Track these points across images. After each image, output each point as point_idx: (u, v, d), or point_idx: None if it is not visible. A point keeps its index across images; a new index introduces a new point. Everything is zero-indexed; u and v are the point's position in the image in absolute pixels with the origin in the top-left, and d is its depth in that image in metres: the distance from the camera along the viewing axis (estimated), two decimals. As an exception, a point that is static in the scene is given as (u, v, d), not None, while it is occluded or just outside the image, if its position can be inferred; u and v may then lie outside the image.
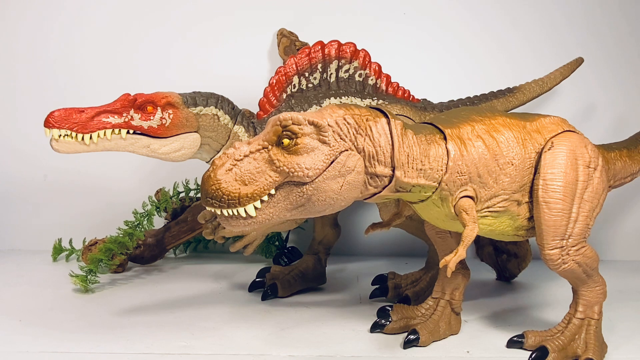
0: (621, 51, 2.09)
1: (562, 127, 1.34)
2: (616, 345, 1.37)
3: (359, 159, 1.16)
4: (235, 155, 1.12)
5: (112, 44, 2.05)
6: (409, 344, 1.34)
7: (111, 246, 1.78)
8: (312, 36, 1.86)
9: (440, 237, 1.42)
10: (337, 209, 1.18)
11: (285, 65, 1.57)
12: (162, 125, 1.45)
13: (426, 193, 1.25)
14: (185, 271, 1.88)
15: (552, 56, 2.04)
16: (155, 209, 1.89)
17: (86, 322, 1.44)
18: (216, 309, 1.55)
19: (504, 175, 1.27)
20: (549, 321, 1.51)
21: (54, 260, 1.96)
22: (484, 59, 2.08)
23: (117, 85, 1.67)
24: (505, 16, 2.08)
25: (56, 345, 1.31)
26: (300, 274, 1.70)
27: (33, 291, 1.66)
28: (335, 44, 1.59)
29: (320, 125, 1.14)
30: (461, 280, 1.42)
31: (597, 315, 1.33)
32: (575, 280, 1.33)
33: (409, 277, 1.67)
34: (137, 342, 1.34)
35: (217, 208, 1.11)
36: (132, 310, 1.52)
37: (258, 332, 1.41)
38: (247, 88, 1.77)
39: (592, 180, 1.30)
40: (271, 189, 1.12)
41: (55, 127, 1.38)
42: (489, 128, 1.29)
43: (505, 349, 1.35)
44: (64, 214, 2.07)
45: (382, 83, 1.65)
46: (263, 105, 1.56)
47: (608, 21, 2.09)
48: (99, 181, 2.07)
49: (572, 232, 1.28)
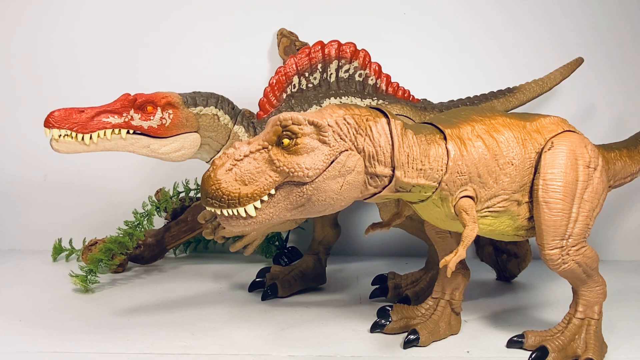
0: (621, 51, 2.09)
1: (562, 127, 1.34)
2: (616, 345, 1.37)
3: (359, 159, 1.16)
4: (235, 155, 1.12)
5: (112, 44, 2.05)
6: (409, 344, 1.34)
7: (111, 246, 1.78)
8: (312, 36, 1.86)
9: (440, 237, 1.42)
10: (337, 209, 1.18)
11: (285, 65, 1.57)
12: (162, 125, 1.45)
13: (426, 193, 1.25)
14: (185, 271, 1.88)
15: (552, 56, 2.03)
16: (155, 209, 1.89)
17: (86, 322, 1.44)
18: (216, 309, 1.55)
19: (504, 175, 1.27)
20: (549, 321, 1.51)
21: (54, 260, 1.96)
22: (484, 59, 2.08)
23: (117, 85, 1.67)
24: (505, 16, 2.08)
25: (56, 345, 1.31)
26: (300, 274, 1.70)
27: (33, 291, 1.66)
28: (335, 44, 1.59)
29: (320, 125, 1.14)
30: (461, 280, 1.42)
31: (597, 315, 1.33)
32: (575, 280, 1.33)
33: (409, 277, 1.67)
34: (137, 342, 1.34)
35: (217, 208, 1.11)
36: (132, 310, 1.52)
37: (258, 332, 1.41)
38: (247, 88, 1.76)
39: (592, 180, 1.30)
40: (271, 189, 1.12)
41: (55, 127, 1.38)
42: (489, 128, 1.29)
43: (505, 349, 1.35)
44: (64, 214, 2.07)
45: (382, 83, 1.64)
46: (263, 105, 1.56)
47: (608, 21, 2.09)
48: (99, 181, 2.07)
49: (572, 232, 1.28)
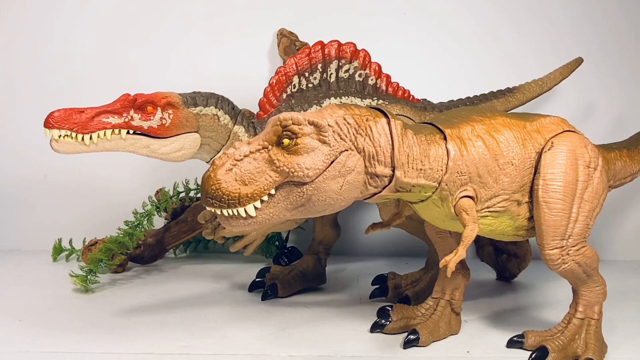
0: (621, 51, 2.09)
1: (562, 127, 1.34)
2: (616, 345, 1.37)
3: (359, 159, 1.16)
4: (235, 155, 1.12)
5: (112, 44, 2.05)
6: (409, 344, 1.34)
7: (111, 246, 1.78)
8: (312, 36, 1.86)
9: (440, 237, 1.42)
10: (337, 209, 1.18)
11: (285, 65, 1.57)
12: (162, 126, 1.45)
13: (426, 193, 1.25)
14: (185, 271, 1.88)
15: (552, 56, 2.03)
16: (155, 209, 1.89)
17: (86, 322, 1.44)
18: (216, 309, 1.55)
19: (504, 175, 1.27)
20: (549, 321, 1.51)
21: (54, 260, 1.96)
22: (484, 59, 2.08)
23: (117, 85, 1.67)
24: (505, 16, 2.08)
25: (56, 345, 1.31)
26: (300, 274, 1.70)
27: (33, 291, 1.66)
28: (335, 44, 1.59)
29: (320, 125, 1.14)
30: (461, 280, 1.42)
31: (597, 315, 1.33)
32: (575, 280, 1.33)
33: (409, 277, 1.67)
34: (137, 342, 1.34)
35: (217, 208, 1.11)
36: (132, 310, 1.52)
37: (258, 332, 1.41)
38: (247, 88, 1.76)
39: (592, 180, 1.30)
40: (271, 189, 1.12)
41: (55, 128, 1.37)
42: (489, 128, 1.29)
43: (505, 349, 1.35)
44: (64, 214, 2.07)
45: (382, 83, 1.64)
46: (263, 105, 1.56)
47: (608, 21, 2.09)
48: (99, 181, 2.07)
49: (572, 232, 1.28)
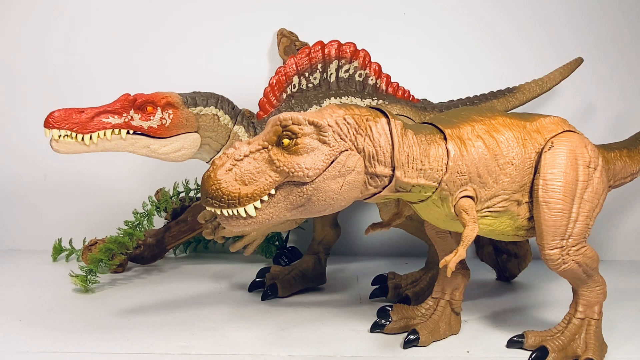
0: (621, 51, 2.09)
1: (562, 127, 1.34)
2: (616, 345, 1.37)
3: (359, 159, 1.16)
4: (235, 155, 1.12)
5: (112, 44, 2.05)
6: (409, 344, 1.34)
7: (111, 246, 1.78)
8: (312, 36, 1.86)
9: (440, 237, 1.42)
10: (337, 209, 1.18)
11: (285, 65, 1.57)
12: (162, 126, 1.44)
13: (426, 193, 1.25)
14: (185, 271, 1.88)
15: (552, 56, 2.03)
16: (155, 209, 1.89)
17: (86, 322, 1.44)
18: (216, 309, 1.55)
19: (504, 175, 1.27)
20: (549, 321, 1.51)
21: (54, 260, 1.96)
22: (484, 59, 2.07)
23: (117, 85, 1.67)
24: (505, 16, 2.08)
25: (56, 345, 1.31)
26: (300, 274, 1.70)
27: (33, 291, 1.66)
28: (335, 44, 1.59)
29: (320, 125, 1.14)
30: (461, 280, 1.42)
31: (597, 315, 1.33)
32: (575, 280, 1.33)
33: (409, 277, 1.67)
34: (137, 342, 1.34)
35: (217, 208, 1.11)
36: (132, 310, 1.52)
37: (258, 332, 1.41)
38: (247, 88, 1.76)
39: (592, 180, 1.30)
40: (271, 189, 1.12)
41: (55, 128, 1.37)
42: (489, 128, 1.29)
43: (505, 349, 1.35)
44: (64, 214, 2.07)
45: (382, 83, 1.64)
46: (263, 105, 1.56)
47: (608, 21, 2.08)
48: (99, 181, 2.07)
49: (572, 232, 1.28)
